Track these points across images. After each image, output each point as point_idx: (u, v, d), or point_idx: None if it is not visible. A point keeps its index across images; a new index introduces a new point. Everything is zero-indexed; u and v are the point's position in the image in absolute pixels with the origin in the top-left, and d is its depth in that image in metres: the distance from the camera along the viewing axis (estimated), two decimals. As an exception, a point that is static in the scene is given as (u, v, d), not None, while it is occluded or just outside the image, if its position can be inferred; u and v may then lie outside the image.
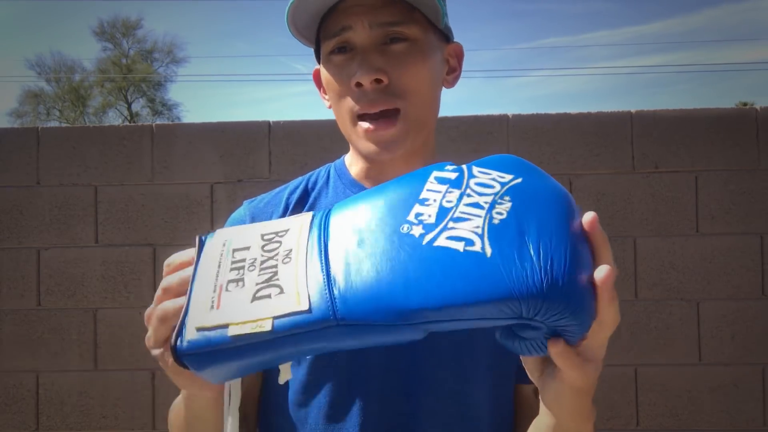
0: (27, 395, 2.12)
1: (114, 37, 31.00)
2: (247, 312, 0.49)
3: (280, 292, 0.50)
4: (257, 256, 0.53)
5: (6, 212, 2.14)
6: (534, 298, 0.46)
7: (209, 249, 0.57)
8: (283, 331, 0.48)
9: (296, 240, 0.53)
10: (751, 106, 2.17)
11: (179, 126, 2.19)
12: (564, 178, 2.08)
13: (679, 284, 2.05)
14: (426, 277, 0.48)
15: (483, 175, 0.56)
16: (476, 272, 0.47)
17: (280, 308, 0.49)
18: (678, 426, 2.04)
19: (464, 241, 0.49)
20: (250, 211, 0.84)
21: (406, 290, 0.48)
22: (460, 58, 0.85)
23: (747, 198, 2.05)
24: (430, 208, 0.52)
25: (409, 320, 0.47)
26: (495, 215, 0.51)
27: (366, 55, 0.74)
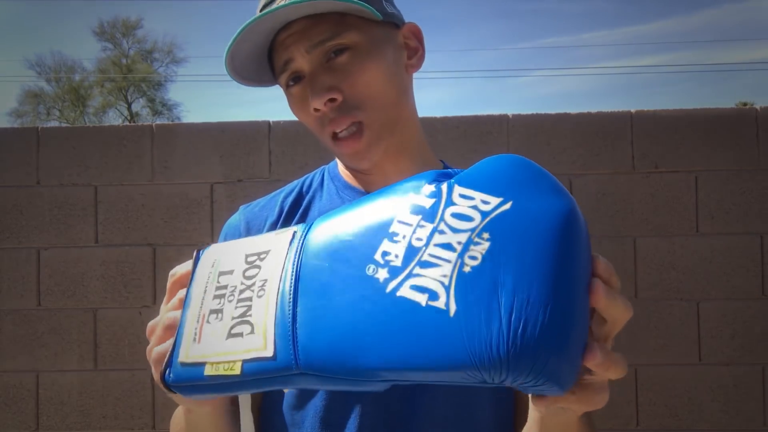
0: (27, 395, 2.12)
1: (114, 37, 31.01)
2: (221, 349, 0.51)
3: (251, 331, 0.51)
4: (237, 284, 0.54)
5: (6, 212, 2.14)
6: (496, 368, 0.41)
7: (201, 269, 0.58)
8: (251, 375, 0.50)
9: (272, 267, 0.53)
10: (751, 106, 2.16)
11: (179, 126, 2.19)
12: (564, 178, 2.08)
13: (679, 284, 2.05)
14: (384, 335, 0.45)
15: (463, 200, 0.48)
16: (435, 334, 0.43)
17: (249, 351, 0.50)
18: (678, 426, 2.04)
19: (428, 293, 0.45)
20: (245, 216, 0.85)
21: (364, 348, 0.46)
22: (419, 36, 0.82)
23: (747, 198, 2.05)
24: (398, 246, 0.48)
25: (367, 378, 0.47)
26: (467, 260, 0.45)
27: (313, 78, 0.74)
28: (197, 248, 0.61)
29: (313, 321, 0.49)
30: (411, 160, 0.82)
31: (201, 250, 0.60)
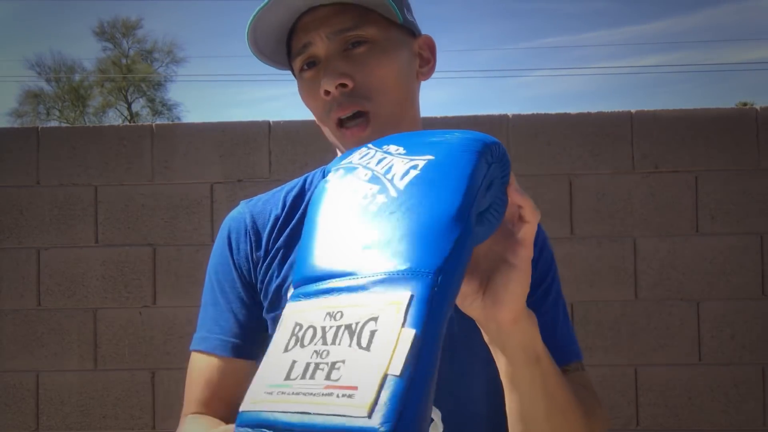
0: (27, 395, 2.12)
1: (114, 37, 31.02)
2: (380, 353, 0.43)
3: (375, 320, 0.45)
4: (313, 349, 0.46)
5: (6, 212, 2.14)
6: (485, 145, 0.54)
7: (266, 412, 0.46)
8: (422, 323, 0.44)
9: (317, 310, 0.49)
10: (751, 106, 2.17)
11: (179, 126, 2.19)
12: (564, 178, 2.08)
13: (679, 284, 2.05)
14: (432, 194, 0.51)
15: (351, 158, 0.60)
16: (446, 163, 0.53)
17: (396, 319, 0.44)
18: (678, 426, 2.04)
19: (411, 168, 0.54)
20: (250, 209, 0.85)
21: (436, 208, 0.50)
22: (433, 49, 0.86)
23: (747, 198, 2.05)
24: (363, 187, 0.55)
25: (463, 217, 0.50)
26: (397, 152, 0.57)
27: (328, 63, 0.76)
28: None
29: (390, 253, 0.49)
30: None
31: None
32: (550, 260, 0.85)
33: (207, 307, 0.84)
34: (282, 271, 0.80)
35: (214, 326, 0.81)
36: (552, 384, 0.63)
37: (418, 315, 0.44)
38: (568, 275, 2.06)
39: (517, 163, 2.08)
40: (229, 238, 0.84)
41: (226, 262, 0.83)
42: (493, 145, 0.55)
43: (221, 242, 0.84)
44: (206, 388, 0.80)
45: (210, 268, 0.85)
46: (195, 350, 0.83)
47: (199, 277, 2.10)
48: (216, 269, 0.84)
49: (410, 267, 0.47)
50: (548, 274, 0.84)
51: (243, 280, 0.82)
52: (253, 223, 0.83)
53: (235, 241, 0.83)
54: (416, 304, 0.45)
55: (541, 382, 0.62)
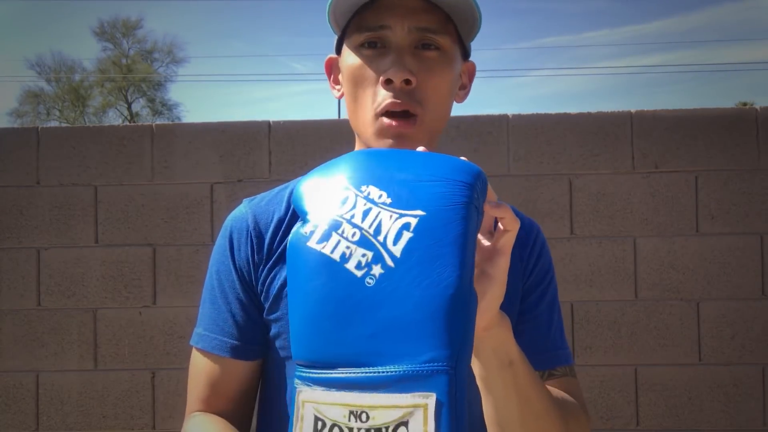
0: (27, 395, 2.12)
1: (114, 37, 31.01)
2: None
3: (405, 425, 0.46)
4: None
5: (6, 212, 2.14)
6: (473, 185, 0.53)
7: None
8: (450, 427, 0.46)
9: (337, 406, 0.49)
10: (751, 106, 2.16)
11: (179, 126, 2.19)
12: (564, 178, 2.08)
13: (679, 284, 2.05)
14: (431, 268, 0.50)
15: (325, 205, 0.56)
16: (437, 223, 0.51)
17: (426, 425, 0.46)
18: (678, 426, 2.04)
19: (404, 229, 0.51)
20: (252, 210, 0.84)
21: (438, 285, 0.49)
22: (472, 76, 0.87)
23: (747, 198, 2.05)
24: (355, 254, 0.52)
25: (466, 291, 0.50)
26: (380, 201, 0.54)
27: (401, 54, 0.75)
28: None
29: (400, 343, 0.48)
30: None
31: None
32: (548, 265, 0.85)
33: (206, 304, 0.84)
34: (283, 275, 0.79)
35: (213, 326, 0.81)
36: (526, 388, 0.64)
37: (446, 420, 0.45)
38: (568, 275, 2.06)
39: (517, 163, 2.08)
40: (230, 238, 0.83)
41: (227, 262, 0.82)
42: (477, 181, 0.54)
43: (223, 242, 0.84)
44: (207, 387, 0.81)
45: (211, 266, 0.85)
46: (194, 347, 0.83)
47: (199, 277, 2.10)
48: (217, 268, 0.84)
49: (426, 361, 0.46)
50: (545, 277, 0.84)
51: (243, 281, 0.81)
52: (255, 224, 0.82)
53: (237, 242, 0.82)
54: (444, 409, 0.45)
55: (514, 387, 0.63)
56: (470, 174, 0.54)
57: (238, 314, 0.81)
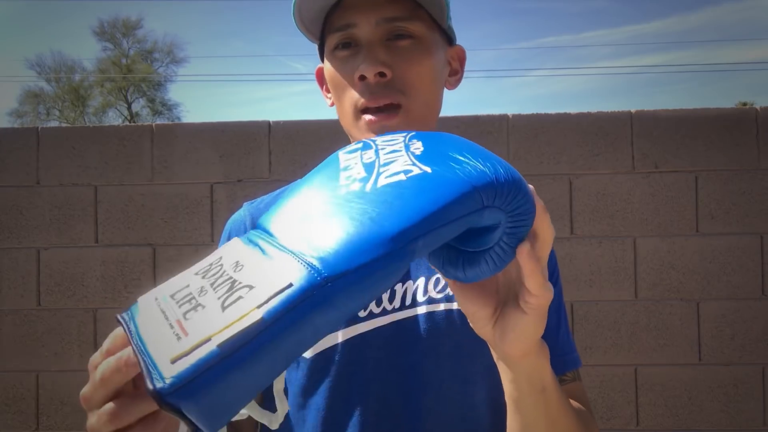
0: (27, 395, 2.12)
1: (114, 37, 31.02)
2: (224, 319, 0.43)
3: (250, 289, 0.45)
4: (203, 284, 0.48)
5: (6, 212, 2.14)
6: (489, 185, 0.50)
7: (142, 315, 0.50)
8: (274, 315, 0.42)
9: (237, 255, 0.50)
10: (751, 106, 2.17)
11: (179, 126, 2.19)
12: (564, 178, 2.08)
13: (679, 284, 2.05)
14: (389, 208, 0.48)
15: (383, 137, 0.59)
16: (430, 185, 0.50)
17: (260, 297, 0.43)
18: (678, 426, 2.04)
19: (402, 172, 0.51)
20: (251, 212, 0.84)
21: (378, 224, 0.47)
22: (462, 61, 0.86)
23: (747, 198, 2.05)
24: (355, 169, 0.54)
25: (394, 245, 0.46)
26: (414, 150, 0.55)
27: (371, 49, 0.74)
28: (117, 315, 0.54)
29: (313, 240, 0.47)
30: None
31: (124, 313, 0.53)
32: (554, 267, 0.84)
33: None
34: None
35: None
36: (555, 412, 0.63)
37: (276, 306, 0.42)
38: (568, 275, 2.06)
39: (517, 163, 2.08)
40: (229, 239, 0.83)
41: None
42: (505, 189, 0.51)
43: (223, 243, 0.84)
44: None
45: None
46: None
47: (199, 277, 2.10)
48: None
49: (313, 257, 0.45)
50: (550, 279, 0.84)
51: None
52: (252, 225, 0.82)
53: None
54: (284, 296, 0.43)
55: (544, 411, 0.62)
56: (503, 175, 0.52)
57: None
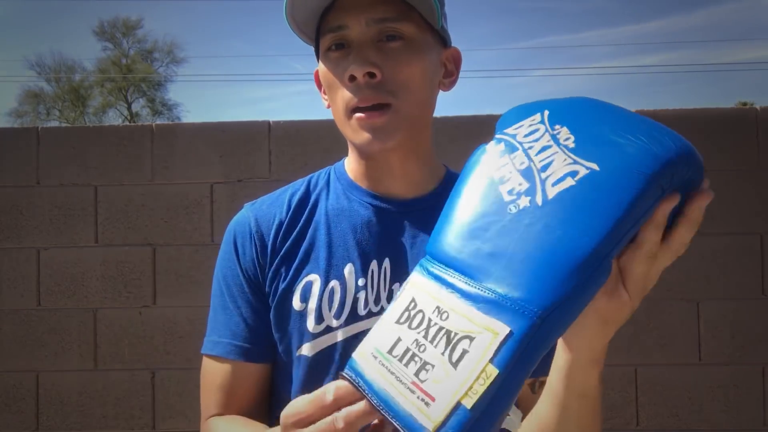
0: (27, 395, 2.12)
1: (114, 37, 31.02)
2: (461, 378, 0.45)
3: (471, 341, 0.46)
4: (416, 338, 0.50)
5: (6, 212, 2.14)
6: (666, 167, 0.48)
7: (369, 373, 0.52)
8: (507, 366, 0.44)
9: (432, 298, 0.51)
10: (751, 106, 2.16)
11: (179, 126, 2.19)
12: (564, 178, 2.08)
13: (679, 284, 2.05)
14: (574, 225, 0.47)
15: (519, 129, 0.56)
16: (606, 186, 0.47)
17: (487, 350, 0.45)
18: (678, 426, 2.04)
19: (569, 176, 0.49)
20: (254, 213, 0.85)
21: (570, 246, 0.46)
22: (458, 63, 0.86)
23: (747, 198, 2.05)
24: (513, 179, 0.52)
25: (593, 264, 0.46)
26: (566, 143, 0.52)
27: (361, 49, 0.74)
28: (342, 372, 0.54)
29: (511, 277, 0.47)
30: (418, 164, 0.83)
31: (349, 371, 0.53)
32: None
33: (217, 311, 0.84)
34: (288, 275, 0.80)
35: (225, 330, 0.82)
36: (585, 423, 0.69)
37: (507, 356, 0.45)
38: (568, 275, 2.06)
39: (517, 163, 2.08)
40: (235, 243, 0.84)
41: (234, 266, 0.83)
42: (679, 159, 0.49)
43: (228, 247, 0.85)
44: (222, 392, 0.82)
45: (218, 272, 0.86)
46: (208, 355, 0.83)
47: (199, 277, 2.10)
48: (224, 274, 0.84)
49: (521, 298, 0.46)
50: None
51: (251, 283, 0.82)
52: (257, 227, 0.83)
53: (241, 246, 0.83)
54: (510, 344, 0.45)
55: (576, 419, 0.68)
56: (673, 150, 0.50)
57: (249, 317, 0.81)
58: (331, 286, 0.79)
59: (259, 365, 0.82)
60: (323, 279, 0.79)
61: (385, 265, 0.80)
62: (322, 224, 0.83)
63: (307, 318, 0.78)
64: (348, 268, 0.79)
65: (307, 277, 0.80)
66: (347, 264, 0.80)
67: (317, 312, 0.78)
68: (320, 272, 0.80)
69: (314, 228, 0.83)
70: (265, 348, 0.81)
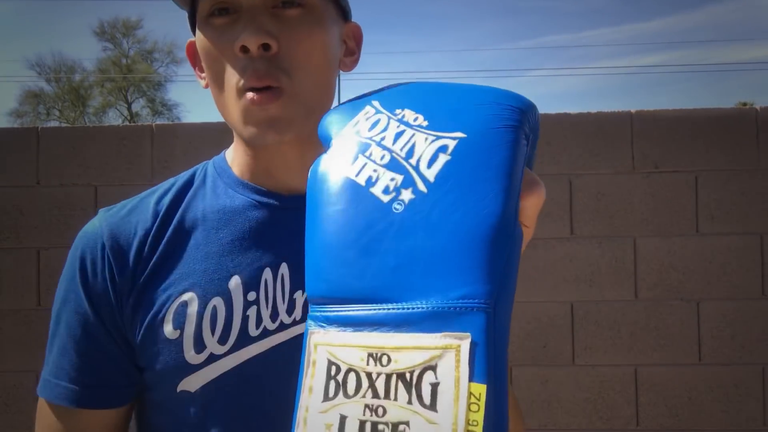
0: (27, 395, 2.11)
1: (114, 37, 31.04)
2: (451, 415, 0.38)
3: (434, 370, 0.39)
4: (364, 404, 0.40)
5: (6, 212, 2.14)
6: (523, 110, 0.47)
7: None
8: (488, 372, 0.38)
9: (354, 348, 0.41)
10: (751, 106, 2.16)
11: (179, 126, 2.19)
12: (564, 178, 2.08)
13: (679, 284, 2.05)
14: (468, 195, 0.42)
15: (357, 126, 0.50)
16: (480, 146, 0.45)
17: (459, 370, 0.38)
18: (678, 426, 2.04)
19: (440, 152, 0.45)
20: (109, 225, 0.71)
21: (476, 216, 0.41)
22: (359, 40, 0.74)
23: (747, 198, 2.05)
24: (383, 177, 0.45)
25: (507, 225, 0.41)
26: (416, 123, 0.47)
27: (254, 16, 0.62)
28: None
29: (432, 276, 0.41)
30: (318, 154, 0.61)
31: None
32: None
33: (51, 344, 0.70)
34: (157, 297, 0.66)
35: (58, 370, 0.68)
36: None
37: (483, 364, 0.38)
38: (568, 275, 2.06)
39: (517, 163, 2.08)
40: (82, 263, 0.69)
41: (76, 291, 0.69)
42: (530, 110, 0.48)
43: (71, 269, 0.70)
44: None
45: (56, 297, 0.71)
46: (40, 396, 0.70)
47: (199, 277, 2.10)
48: (63, 300, 0.70)
49: (462, 296, 0.39)
50: None
51: (98, 315, 0.67)
52: (113, 240, 0.69)
53: (91, 266, 0.68)
54: (479, 350, 0.38)
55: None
56: (522, 101, 0.48)
57: (87, 354, 0.67)
58: (212, 305, 0.65)
59: (101, 412, 0.68)
60: (201, 297, 0.65)
61: (282, 271, 0.66)
62: (197, 231, 0.69)
63: (183, 347, 0.64)
64: (233, 281, 0.65)
65: (181, 297, 0.65)
66: (232, 276, 0.65)
67: (196, 338, 0.64)
68: (197, 289, 0.65)
69: (187, 237, 0.68)
70: (111, 390, 0.68)
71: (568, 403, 2.05)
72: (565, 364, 2.05)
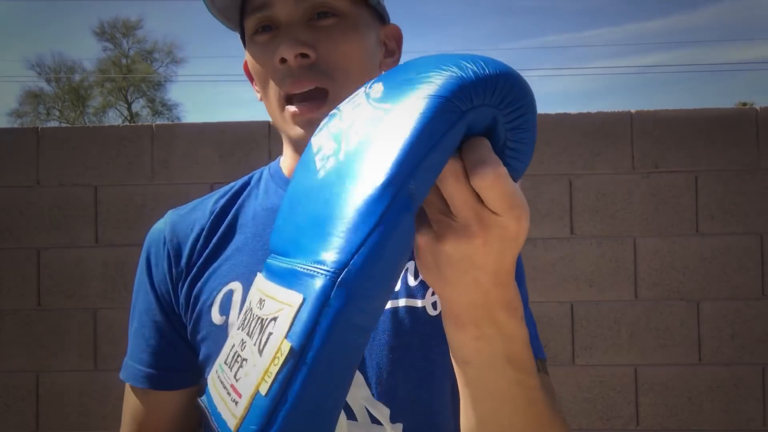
0: (27, 395, 2.11)
1: (114, 37, 31.04)
2: (263, 364, 0.41)
3: (274, 321, 0.42)
4: (242, 337, 0.46)
5: (6, 212, 2.14)
6: (461, 88, 0.41)
7: (212, 391, 0.49)
8: (302, 339, 0.39)
9: (259, 291, 0.47)
10: (751, 106, 2.16)
11: (179, 126, 2.19)
12: (564, 178, 2.08)
13: (679, 284, 2.05)
14: (366, 164, 0.42)
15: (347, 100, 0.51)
16: (395, 121, 0.42)
17: (281, 327, 0.40)
18: (678, 426, 2.04)
19: (370, 122, 0.45)
20: (172, 220, 0.78)
21: (358, 190, 0.41)
22: (399, 41, 0.78)
23: (747, 198, 2.05)
24: (327, 146, 0.47)
25: (383, 203, 0.39)
26: (374, 96, 0.46)
27: (290, 29, 0.67)
28: (198, 400, 0.51)
29: (309, 242, 0.44)
30: None
31: (200, 397, 0.51)
32: (518, 265, 0.74)
33: (130, 330, 0.79)
34: (207, 286, 0.72)
35: (132, 353, 0.77)
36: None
37: (301, 327, 0.39)
38: (568, 275, 2.06)
39: (517, 163, 2.08)
40: (148, 255, 0.77)
41: (144, 283, 0.77)
42: (479, 83, 0.41)
43: (141, 261, 0.79)
44: (132, 421, 0.77)
45: (133, 288, 0.80)
46: (120, 377, 0.78)
47: (199, 277, 2.10)
48: (136, 290, 0.79)
49: (316, 261, 0.40)
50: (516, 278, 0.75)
51: (161, 302, 0.75)
52: (173, 236, 0.76)
53: (155, 258, 0.76)
54: (303, 312, 0.39)
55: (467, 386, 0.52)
56: (472, 71, 0.42)
57: (154, 339, 0.75)
58: None
59: (172, 393, 0.74)
60: (246, 287, 0.69)
61: None
62: (247, 227, 0.74)
63: (228, 332, 0.69)
64: None
65: (228, 286, 0.71)
66: None
67: None
68: (242, 279, 0.70)
69: (238, 232, 0.74)
70: (176, 374, 0.74)
71: (568, 403, 2.05)
72: (565, 364, 2.05)
